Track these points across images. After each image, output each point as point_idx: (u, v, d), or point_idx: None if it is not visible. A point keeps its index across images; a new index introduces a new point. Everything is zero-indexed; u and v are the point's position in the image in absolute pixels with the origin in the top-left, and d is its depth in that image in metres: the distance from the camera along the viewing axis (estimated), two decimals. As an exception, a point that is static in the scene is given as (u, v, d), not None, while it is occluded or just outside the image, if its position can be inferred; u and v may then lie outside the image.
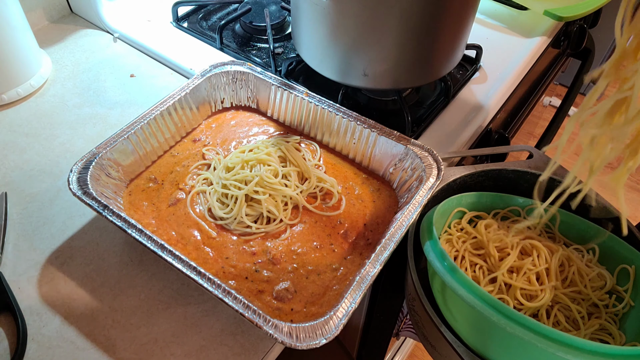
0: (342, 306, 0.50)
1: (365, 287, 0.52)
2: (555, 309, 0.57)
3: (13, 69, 0.77)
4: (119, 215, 0.56)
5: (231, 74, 0.74)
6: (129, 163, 0.66)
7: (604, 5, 0.95)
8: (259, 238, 0.62)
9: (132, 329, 0.56)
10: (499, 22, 0.98)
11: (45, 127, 0.76)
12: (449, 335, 0.54)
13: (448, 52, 0.72)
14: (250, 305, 0.50)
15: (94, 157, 0.62)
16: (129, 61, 0.87)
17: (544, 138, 1.23)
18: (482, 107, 0.81)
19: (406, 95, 0.81)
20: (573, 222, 0.64)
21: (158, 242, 0.54)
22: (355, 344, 1.05)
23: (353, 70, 0.71)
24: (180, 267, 0.52)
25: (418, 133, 0.76)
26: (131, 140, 0.65)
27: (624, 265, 0.59)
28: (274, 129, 0.75)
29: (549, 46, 0.97)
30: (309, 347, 0.47)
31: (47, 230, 0.64)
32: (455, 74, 0.86)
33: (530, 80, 1.01)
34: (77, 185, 0.59)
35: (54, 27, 0.93)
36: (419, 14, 0.64)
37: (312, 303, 0.56)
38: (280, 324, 0.49)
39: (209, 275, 0.52)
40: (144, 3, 0.97)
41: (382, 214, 0.65)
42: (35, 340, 0.54)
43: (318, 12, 0.67)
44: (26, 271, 0.60)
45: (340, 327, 0.49)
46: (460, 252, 0.61)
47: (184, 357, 0.54)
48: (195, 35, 0.91)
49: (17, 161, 0.71)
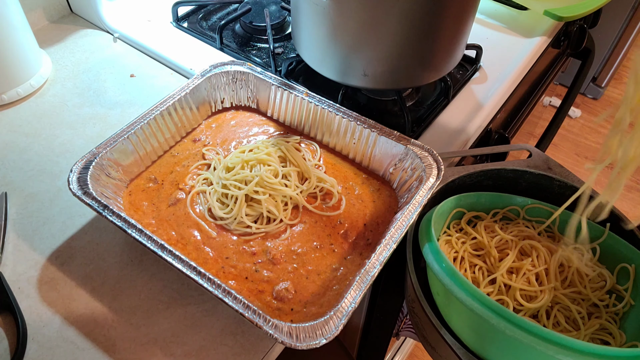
0: (342, 306, 0.50)
1: (365, 287, 0.52)
2: (555, 309, 0.57)
3: (13, 69, 0.77)
4: (119, 215, 0.56)
5: (231, 74, 0.74)
6: (129, 163, 0.66)
7: (604, 5, 0.95)
8: (259, 238, 0.62)
9: (132, 329, 0.56)
10: (499, 22, 0.98)
11: (45, 127, 0.76)
12: (448, 338, 0.54)
13: (448, 52, 0.72)
14: (250, 305, 0.50)
15: (94, 157, 0.62)
16: (129, 61, 0.87)
17: (544, 138, 1.23)
18: (482, 107, 0.81)
19: (406, 95, 0.81)
20: (572, 221, 0.64)
21: (158, 242, 0.54)
22: (355, 344, 1.05)
23: (353, 70, 0.71)
24: (180, 267, 0.52)
25: (418, 133, 0.76)
26: (131, 140, 0.65)
27: (624, 264, 0.59)
28: (274, 129, 0.75)
29: (549, 46, 0.97)
30: (309, 347, 0.48)
31: (47, 230, 0.64)
32: (455, 74, 0.86)
33: (530, 80, 1.01)
34: (77, 185, 0.59)
35: (54, 27, 0.93)
36: (419, 13, 0.64)
37: (312, 303, 0.56)
38: (280, 324, 0.49)
39: (209, 276, 0.52)
40: (144, 3, 0.97)
41: (382, 214, 0.65)
42: (35, 340, 0.54)
43: (318, 12, 0.67)
44: (26, 271, 0.60)
45: (340, 327, 0.49)
46: (460, 254, 0.61)
47: (184, 357, 0.54)
48: (195, 35, 0.91)
49: (17, 161, 0.71)
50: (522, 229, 0.63)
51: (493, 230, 0.63)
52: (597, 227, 0.62)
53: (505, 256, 0.61)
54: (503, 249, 0.62)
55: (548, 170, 0.68)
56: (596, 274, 0.59)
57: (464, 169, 0.67)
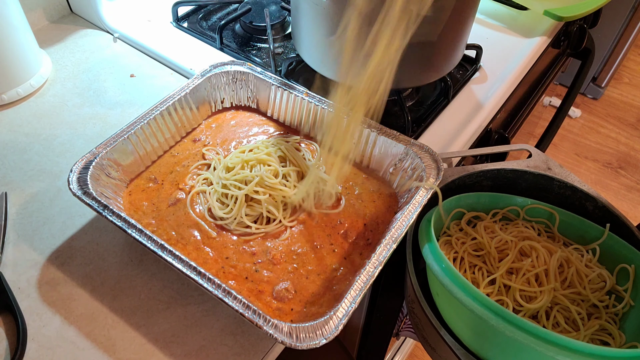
0: (342, 306, 0.50)
1: (366, 287, 0.52)
2: (555, 310, 0.57)
3: (13, 69, 0.77)
4: (119, 215, 0.56)
5: (231, 74, 0.74)
6: (129, 163, 0.66)
7: (604, 5, 0.95)
8: (259, 238, 0.62)
9: (132, 328, 0.56)
10: (499, 22, 0.98)
11: (45, 127, 0.76)
12: (448, 338, 0.54)
13: (448, 52, 0.72)
14: (250, 305, 0.50)
15: (94, 157, 0.62)
16: (129, 61, 0.87)
17: (544, 138, 1.23)
18: (482, 107, 0.81)
19: (406, 95, 0.81)
20: (572, 221, 0.64)
21: (158, 242, 0.54)
22: (356, 344, 1.05)
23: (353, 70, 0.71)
24: (180, 267, 0.52)
25: (418, 133, 0.76)
26: (131, 140, 0.65)
27: (624, 264, 0.59)
28: (274, 129, 0.75)
29: (549, 46, 0.97)
30: (309, 347, 0.48)
31: (47, 230, 0.64)
32: (455, 74, 0.86)
33: (530, 80, 1.01)
34: (77, 185, 0.59)
35: (54, 27, 0.93)
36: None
37: (312, 303, 0.56)
38: (280, 324, 0.49)
39: (209, 276, 0.52)
40: (144, 3, 0.97)
41: (382, 214, 0.65)
42: (36, 341, 0.54)
43: (318, 12, 0.67)
44: (26, 271, 0.60)
45: (340, 327, 0.49)
46: (460, 254, 0.61)
47: (183, 357, 0.54)
48: (195, 35, 0.91)
49: (17, 161, 0.71)
50: (521, 229, 0.63)
51: (493, 231, 0.63)
52: (597, 227, 0.62)
53: (505, 256, 0.60)
54: (503, 249, 0.62)
55: (548, 170, 0.68)
56: (596, 274, 0.59)
57: (464, 169, 0.67)
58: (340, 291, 0.57)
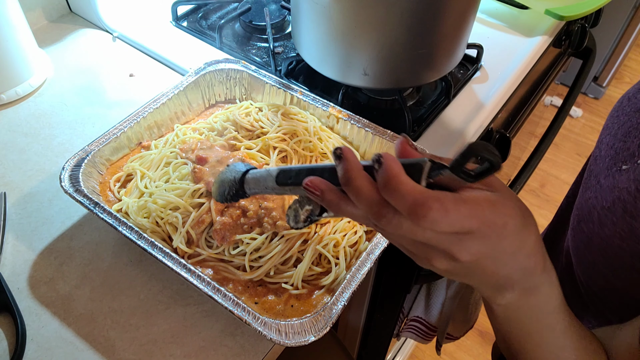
0: (332, 304, 0.51)
1: (355, 284, 0.52)
2: None
3: (12, 68, 0.77)
4: (109, 213, 0.56)
5: (225, 71, 0.74)
6: (121, 160, 0.66)
7: (605, 4, 0.94)
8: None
9: (132, 329, 0.55)
10: (500, 21, 0.98)
11: (44, 127, 0.76)
12: None
13: (449, 51, 0.72)
14: (240, 303, 0.50)
15: (86, 155, 0.62)
16: (128, 61, 0.87)
17: (545, 138, 1.22)
18: (483, 106, 0.81)
19: (407, 94, 0.81)
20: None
21: (148, 239, 0.54)
22: (356, 345, 1.05)
23: (353, 69, 0.70)
24: (169, 264, 0.52)
25: (419, 133, 0.76)
26: (123, 138, 0.66)
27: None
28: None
29: (550, 45, 0.96)
30: (297, 344, 0.48)
31: (46, 230, 0.63)
32: (456, 73, 0.86)
33: (532, 79, 1.00)
34: (69, 183, 0.59)
35: (53, 26, 0.92)
36: (419, 12, 0.63)
37: (303, 301, 0.56)
38: (269, 322, 0.49)
39: (198, 272, 0.52)
40: (144, 2, 0.97)
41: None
42: (35, 341, 0.54)
43: (318, 11, 0.66)
44: (25, 271, 0.60)
45: (329, 324, 0.49)
46: None
47: (183, 357, 0.54)
48: (194, 35, 0.91)
49: (16, 161, 0.71)
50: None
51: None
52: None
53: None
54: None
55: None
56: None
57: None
58: (331, 289, 0.57)
